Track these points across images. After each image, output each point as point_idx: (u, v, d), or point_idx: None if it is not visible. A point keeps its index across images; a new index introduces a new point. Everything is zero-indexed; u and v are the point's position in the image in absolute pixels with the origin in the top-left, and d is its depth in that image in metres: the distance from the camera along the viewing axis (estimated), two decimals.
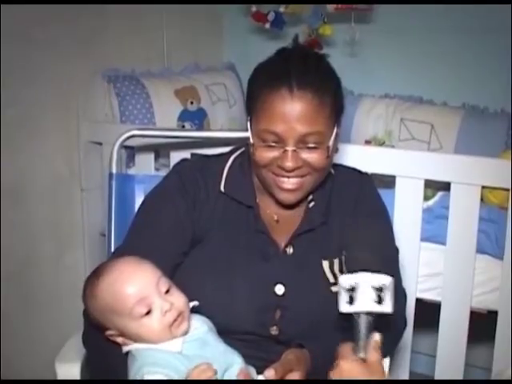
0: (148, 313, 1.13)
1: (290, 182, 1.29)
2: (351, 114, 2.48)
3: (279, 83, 1.23)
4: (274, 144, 1.25)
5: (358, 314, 1.06)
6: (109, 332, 1.17)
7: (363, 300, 1.05)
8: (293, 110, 1.22)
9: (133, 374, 1.11)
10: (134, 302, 1.12)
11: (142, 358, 1.12)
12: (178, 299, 1.16)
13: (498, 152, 2.10)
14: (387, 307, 1.06)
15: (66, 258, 2.41)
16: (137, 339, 1.14)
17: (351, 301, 1.06)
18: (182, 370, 1.09)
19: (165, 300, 1.14)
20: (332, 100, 1.26)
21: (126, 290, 1.14)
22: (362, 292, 1.05)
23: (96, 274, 1.19)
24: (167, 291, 1.16)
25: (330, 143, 1.27)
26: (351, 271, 1.08)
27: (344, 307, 1.07)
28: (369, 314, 1.05)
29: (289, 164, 1.25)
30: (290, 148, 1.24)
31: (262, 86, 1.26)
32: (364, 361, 1.05)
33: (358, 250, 1.36)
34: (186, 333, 1.16)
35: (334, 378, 1.05)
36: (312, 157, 1.26)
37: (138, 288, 1.14)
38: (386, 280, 1.07)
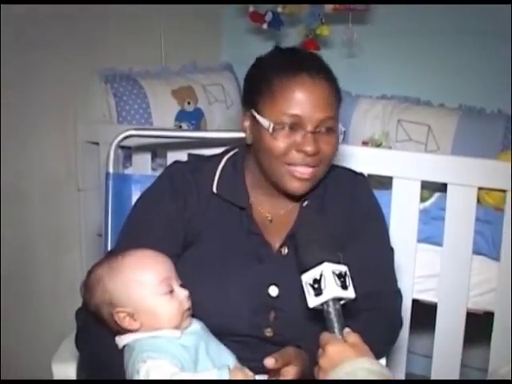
0: (170, 293, 1.18)
1: (305, 172, 1.29)
2: (348, 114, 2.49)
3: (298, 69, 1.27)
4: (294, 126, 1.26)
5: (327, 304, 1.08)
6: (119, 309, 1.17)
7: (330, 287, 1.07)
8: (313, 95, 1.26)
9: (131, 363, 1.12)
10: (162, 278, 1.18)
11: (140, 346, 1.14)
12: (189, 295, 1.22)
13: (494, 153, 2.10)
14: (351, 293, 1.10)
15: (63, 258, 2.40)
16: (148, 319, 1.17)
17: (318, 293, 1.08)
18: (178, 358, 1.11)
19: (183, 289, 1.20)
20: (338, 89, 1.32)
21: (155, 265, 1.20)
22: (327, 281, 1.07)
23: (118, 255, 1.22)
24: (181, 285, 1.22)
25: (339, 130, 1.32)
26: (308, 267, 1.11)
27: (313, 301, 1.09)
28: (336, 303, 1.08)
29: (310, 148, 1.26)
30: (310, 131, 1.26)
31: (278, 72, 1.28)
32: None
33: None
34: (187, 327, 1.20)
35: (324, 366, 1.05)
36: (326, 143, 1.29)
37: (165, 268, 1.21)
38: (344, 267, 1.11)
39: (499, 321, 1.81)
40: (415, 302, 1.90)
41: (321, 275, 1.08)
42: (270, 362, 1.14)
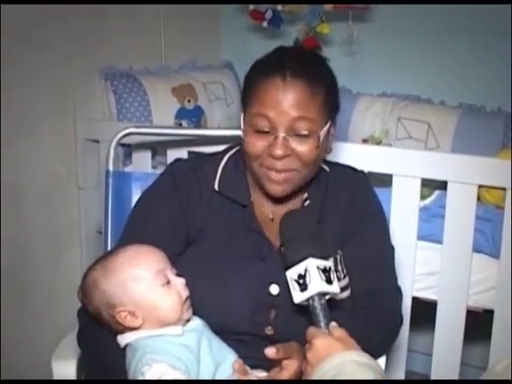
0: (167, 284, 1.19)
1: (278, 176, 1.29)
2: (348, 112, 2.48)
3: (273, 72, 1.25)
4: (265, 129, 1.26)
5: (312, 299, 1.10)
6: (120, 309, 1.17)
7: (315, 282, 1.09)
8: (285, 97, 1.24)
9: (134, 364, 1.12)
10: (156, 270, 1.19)
11: (143, 347, 1.14)
12: (186, 283, 1.22)
13: (494, 151, 2.10)
14: (336, 288, 1.12)
15: (63, 255, 2.40)
16: (150, 313, 1.17)
17: (303, 288, 1.10)
18: (181, 359, 1.12)
19: (179, 277, 1.21)
20: (325, 92, 1.28)
21: (148, 259, 1.20)
22: (312, 276, 1.09)
23: (110, 255, 1.23)
24: (177, 275, 1.23)
25: (321, 133, 1.28)
26: (292, 263, 1.13)
27: (298, 297, 1.11)
28: (321, 297, 1.10)
29: (278, 151, 1.25)
30: (280, 134, 1.25)
31: (257, 76, 1.28)
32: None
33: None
34: (189, 320, 1.21)
35: (311, 359, 1.06)
36: (301, 146, 1.27)
37: (159, 260, 1.21)
38: (328, 263, 1.12)
39: (499, 319, 1.81)
40: (415, 299, 1.90)
41: (305, 270, 1.10)
42: (271, 351, 1.14)
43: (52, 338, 1.60)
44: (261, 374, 1.23)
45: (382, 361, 1.38)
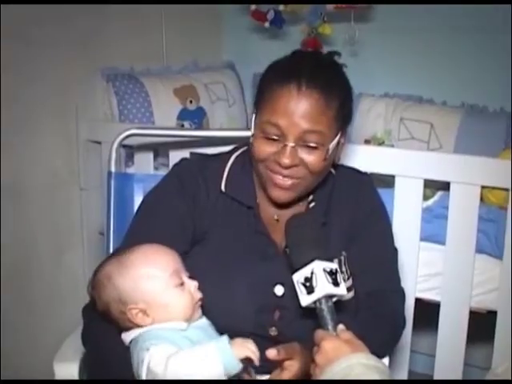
0: (181, 285, 1.19)
1: (285, 181, 1.29)
2: None
3: (289, 79, 1.24)
4: (275, 137, 1.26)
5: (319, 301, 1.10)
6: (132, 306, 1.17)
7: (322, 284, 1.09)
8: (298, 107, 1.23)
9: (136, 355, 1.13)
10: (171, 271, 1.18)
11: (144, 337, 1.14)
12: (198, 286, 1.22)
13: (497, 151, 2.09)
14: (343, 290, 1.12)
15: (65, 257, 2.40)
16: (161, 313, 1.17)
17: (310, 291, 1.10)
18: (180, 346, 1.12)
19: (192, 280, 1.21)
20: (338, 105, 1.27)
21: (164, 258, 1.20)
22: (318, 278, 1.10)
23: (126, 251, 1.22)
24: (190, 277, 1.22)
25: (330, 146, 1.28)
26: (298, 266, 1.13)
27: (305, 300, 1.11)
28: (328, 300, 1.10)
29: (286, 160, 1.25)
30: (289, 144, 1.25)
31: (272, 80, 1.27)
32: None
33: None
34: (198, 319, 1.21)
35: (320, 362, 1.06)
36: (309, 157, 1.27)
37: (174, 261, 1.21)
38: (334, 265, 1.13)
39: (502, 320, 1.81)
40: (418, 300, 1.90)
41: (312, 273, 1.10)
42: (272, 353, 1.14)
43: (53, 340, 1.60)
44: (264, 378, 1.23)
45: (385, 362, 1.38)
